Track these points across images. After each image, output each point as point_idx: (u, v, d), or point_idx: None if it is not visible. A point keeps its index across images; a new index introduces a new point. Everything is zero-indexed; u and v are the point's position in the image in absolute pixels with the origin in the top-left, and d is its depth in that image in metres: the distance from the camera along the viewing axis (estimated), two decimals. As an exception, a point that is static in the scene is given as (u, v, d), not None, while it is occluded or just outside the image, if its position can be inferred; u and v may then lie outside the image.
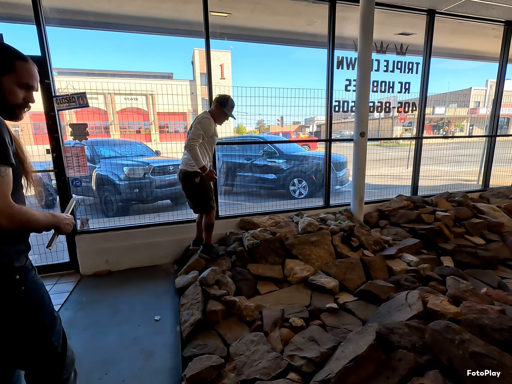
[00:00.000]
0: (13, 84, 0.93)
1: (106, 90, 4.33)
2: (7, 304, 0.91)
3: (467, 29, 4.12)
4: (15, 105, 0.95)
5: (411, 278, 2.34)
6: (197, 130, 2.39)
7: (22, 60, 0.94)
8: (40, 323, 0.99)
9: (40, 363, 1.01)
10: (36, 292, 0.98)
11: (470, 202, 3.79)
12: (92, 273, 2.85)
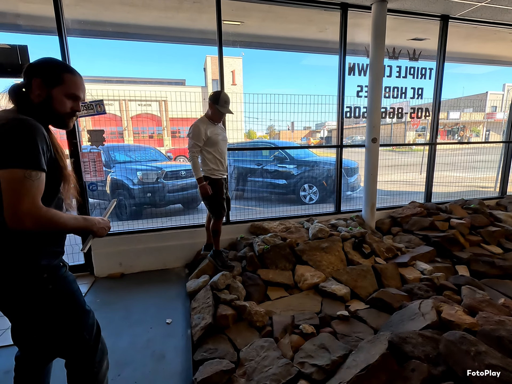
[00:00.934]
0: (61, 95, 1.00)
1: (122, 97, 4.48)
2: (37, 302, 0.98)
3: (482, 34, 4.05)
4: (64, 115, 1.03)
5: (425, 287, 2.30)
6: (189, 141, 2.47)
7: (69, 72, 1.03)
8: (71, 318, 1.05)
9: (73, 354, 1.10)
10: (65, 290, 1.05)
11: (486, 210, 3.69)
12: (106, 275, 2.91)
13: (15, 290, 0.96)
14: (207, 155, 2.51)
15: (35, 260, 0.97)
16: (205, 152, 2.50)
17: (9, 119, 0.89)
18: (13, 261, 0.95)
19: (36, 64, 0.99)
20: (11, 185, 0.85)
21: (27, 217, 0.85)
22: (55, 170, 0.98)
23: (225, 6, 2.87)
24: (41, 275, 0.98)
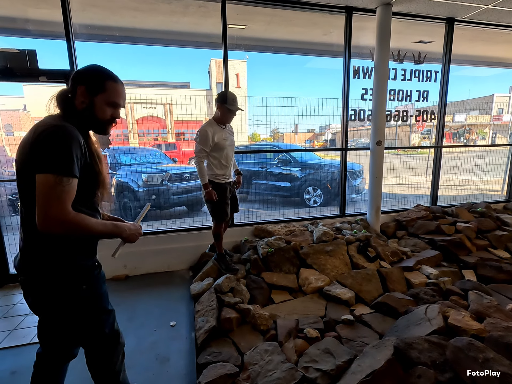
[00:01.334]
0: (103, 103, 1.04)
1: (128, 100, 4.50)
2: (70, 300, 1.03)
3: (489, 36, 4.03)
4: (104, 121, 1.07)
5: (431, 292, 2.27)
6: (196, 145, 2.43)
7: (112, 80, 1.06)
8: (96, 317, 1.12)
9: (94, 347, 1.17)
10: (96, 291, 1.11)
11: (493, 213, 3.65)
12: (111, 278, 2.93)
13: (50, 288, 1.00)
14: (212, 160, 2.49)
15: (71, 260, 1.02)
16: (211, 157, 2.49)
17: (48, 126, 0.92)
18: (50, 261, 0.99)
19: (82, 71, 1.04)
20: (43, 190, 0.88)
21: (55, 221, 0.88)
22: (91, 175, 1.02)
23: (230, 10, 2.90)
24: (76, 275, 1.03)
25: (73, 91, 1.03)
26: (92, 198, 1.08)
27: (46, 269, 0.99)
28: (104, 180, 1.08)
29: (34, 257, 0.99)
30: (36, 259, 0.99)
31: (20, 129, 16.11)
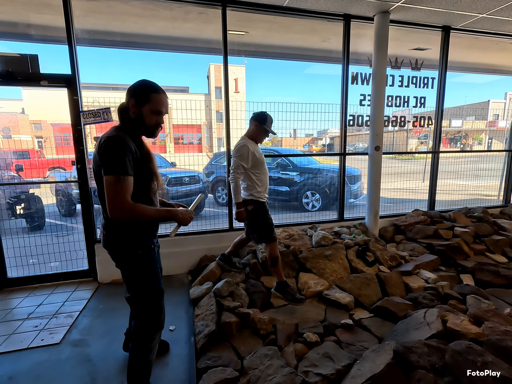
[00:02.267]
0: (149, 111, 1.30)
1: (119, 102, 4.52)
2: (132, 260, 1.38)
3: (484, 44, 4.10)
4: (151, 127, 1.34)
5: (429, 296, 2.28)
6: (236, 162, 2.26)
7: (156, 92, 1.30)
8: (150, 281, 1.43)
9: (143, 303, 1.44)
10: (150, 260, 1.42)
11: (490, 218, 3.68)
12: (110, 281, 2.92)
13: (122, 254, 1.38)
14: (254, 177, 2.33)
15: (134, 239, 1.36)
16: (252, 174, 2.33)
17: (106, 137, 1.22)
18: (121, 238, 1.36)
19: (132, 87, 1.30)
20: (107, 187, 1.19)
21: (118, 211, 1.19)
22: (145, 171, 1.31)
23: (230, 17, 2.94)
24: (136, 248, 1.37)
25: (127, 104, 1.30)
26: (148, 189, 1.35)
27: (118, 244, 1.36)
28: (156, 174, 1.36)
29: (111, 236, 1.36)
30: (112, 237, 1.36)
31: (18, 132, 16.04)
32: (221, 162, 6.30)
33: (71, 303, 2.55)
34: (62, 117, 2.86)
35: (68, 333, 2.14)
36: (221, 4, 2.83)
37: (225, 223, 3.34)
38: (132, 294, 1.44)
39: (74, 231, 4.45)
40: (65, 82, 2.66)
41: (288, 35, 3.68)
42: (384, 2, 2.86)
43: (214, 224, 3.39)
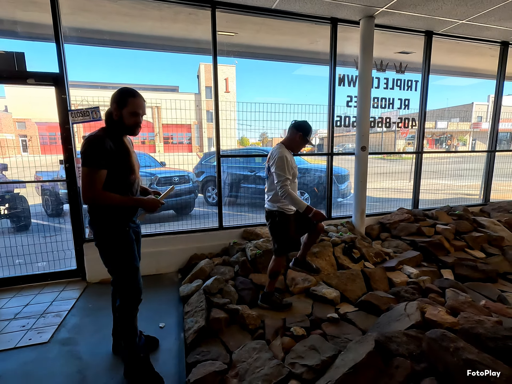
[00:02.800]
0: (128, 113, 1.51)
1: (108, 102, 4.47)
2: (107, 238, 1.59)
3: (464, 49, 4.27)
4: (131, 127, 1.55)
5: (411, 290, 2.38)
6: (280, 175, 2.07)
7: (132, 96, 1.51)
8: (126, 258, 1.61)
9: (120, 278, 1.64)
10: (125, 240, 1.61)
11: (470, 216, 3.84)
12: (98, 281, 2.91)
13: (99, 232, 1.58)
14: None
15: (109, 220, 1.57)
16: None
17: (87, 136, 1.47)
18: (99, 220, 1.57)
19: (114, 94, 1.52)
20: (83, 177, 1.44)
21: (89, 197, 1.45)
22: (124, 165, 1.54)
23: (219, 19, 2.98)
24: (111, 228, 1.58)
25: (110, 108, 1.53)
26: (127, 180, 1.57)
27: (95, 224, 1.58)
28: (133, 167, 1.59)
29: (91, 219, 1.58)
30: (92, 219, 1.58)
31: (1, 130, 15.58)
32: (211, 162, 6.31)
33: (59, 303, 2.54)
34: (48, 115, 2.82)
35: (57, 332, 2.14)
36: (210, 5, 2.86)
37: (215, 222, 3.38)
38: (109, 269, 1.66)
39: (62, 231, 4.40)
40: (53, 80, 2.65)
41: (276, 36, 3.74)
42: (369, 7, 2.95)
43: (204, 223, 3.42)
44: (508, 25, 3.45)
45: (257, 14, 3.04)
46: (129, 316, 1.69)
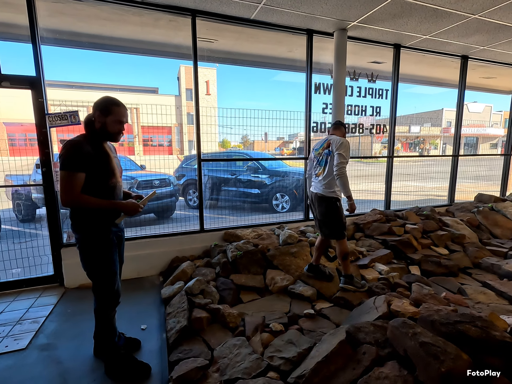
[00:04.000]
0: (111, 121, 1.59)
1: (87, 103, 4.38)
2: (89, 243, 1.62)
3: (430, 61, 4.60)
4: (114, 134, 1.62)
5: (381, 285, 2.56)
6: (343, 156, 2.35)
7: (116, 105, 1.60)
8: (106, 262, 1.66)
9: (99, 281, 1.69)
10: (106, 245, 1.65)
11: (436, 216, 4.13)
12: (77, 286, 2.87)
13: (80, 235, 1.61)
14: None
15: (90, 224, 1.61)
16: None
17: (66, 142, 1.50)
18: (80, 224, 1.61)
19: (98, 102, 1.58)
20: (61, 180, 1.47)
21: (67, 200, 1.48)
22: (104, 169, 1.58)
23: (200, 26, 3.06)
24: (92, 232, 1.62)
25: (93, 115, 1.58)
26: (108, 183, 1.61)
27: (77, 228, 1.61)
28: (114, 171, 1.64)
29: (72, 223, 1.62)
30: (72, 223, 1.62)
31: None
32: (192, 165, 6.33)
33: (36, 309, 2.49)
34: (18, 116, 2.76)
35: (35, 338, 2.11)
36: (190, 14, 2.93)
37: (196, 225, 3.43)
38: (87, 272, 1.69)
39: (37, 237, 4.26)
40: (29, 83, 2.61)
41: (256, 44, 3.87)
42: (341, 21, 3.14)
43: (185, 226, 3.46)
44: (466, 41, 3.78)
45: (237, 23, 3.15)
46: (107, 317, 1.75)
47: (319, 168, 2.55)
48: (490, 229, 4.07)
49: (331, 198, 2.47)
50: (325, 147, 2.51)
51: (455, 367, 1.20)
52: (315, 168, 2.62)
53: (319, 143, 2.63)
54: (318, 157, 2.58)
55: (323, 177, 2.51)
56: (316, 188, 2.56)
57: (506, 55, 4.39)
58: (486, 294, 2.55)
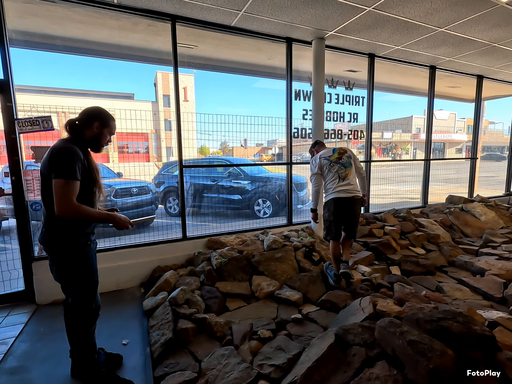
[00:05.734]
0: (106, 133, 1.63)
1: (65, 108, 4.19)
2: (66, 254, 1.56)
3: (402, 70, 4.85)
4: (103, 145, 1.65)
5: (365, 287, 2.61)
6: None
7: (112, 120, 1.66)
8: (85, 273, 1.61)
9: (77, 294, 1.63)
10: (85, 255, 1.61)
11: (412, 217, 4.31)
12: (50, 302, 2.69)
13: (58, 248, 1.54)
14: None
15: (70, 235, 1.55)
16: None
17: (59, 148, 1.45)
18: (58, 236, 1.54)
19: (96, 112, 1.60)
20: (57, 189, 1.40)
21: (65, 209, 1.40)
22: (90, 179, 1.55)
23: (180, 31, 3.03)
24: (72, 244, 1.56)
25: (87, 123, 1.57)
26: (91, 196, 1.59)
27: (56, 240, 1.54)
28: (100, 184, 1.62)
29: (49, 233, 1.54)
30: (50, 233, 1.54)
31: None
32: (171, 172, 6.20)
33: (4, 330, 2.30)
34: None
35: (3, 362, 1.94)
36: (170, 19, 2.91)
37: (178, 233, 3.34)
38: (66, 286, 1.62)
39: (4, 250, 3.95)
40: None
41: (236, 51, 3.90)
42: (319, 30, 3.25)
43: (166, 235, 3.36)
44: (434, 52, 4.03)
45: (217, 30, 3.16)
46: (86, 333, 1.68)
47: (344, 170, 2.69)
48: (462, 228, 4.30)
49: (363, 198, 2.77)
50: (342, 153, 2.75)
51: (442, 363, 1.23)
52: (339, 171, 2.70)
53: (328, 151, 2.81)
54: (339, 161, 2.73)
55: (352, 177, 2.71)
56: (352, 192, 2.65)
57: (469, 66, 4.72)
58: (462, 290, 2.67)
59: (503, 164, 7.17)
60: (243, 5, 2.68)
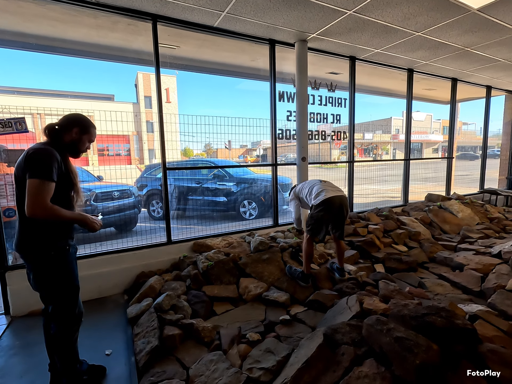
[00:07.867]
0: (85, 140, 1.63)
1: (35, 110, 3.99)
2: (45, 260, 1.51)
3: (381, 73, 4.99)
4: (82, 151, 1.65)
5: (351, 285, 2.65)
6: None
7: (93, 127, 1.66)
8: (66, 279, 1.56)
9: (59, 300, 1.57)
10: (64, 260, 1.56)
11: (394, 216, 4.42)
12: (27, 313, 2.55)
13: (36, 254, 1.49)
14: None
15: (48, 239, 1.50)
16: None
17: (36, 148, 1.43)
18: (35, 240, 1.48)
19: (76, 118, 1.60)
20: (31, 189, 1.36)
21: (37, 209, 1.36)
22: (67, 183, 1.54)
23: (161, 31, 2.97)
24: (50, 248, 1.51)
25: (66, 127, 1.56)
26: (69, 200, 1.58)
27: (32, 245, 1.48)
28: (78, 188, 1.61)
29: (24, 238, 1.49)
30: (25, 239, 1.48)
31: None
32: (154, 175, 6.07)
33: (-25, 345, 2.16)
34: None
35: (-26, 380, 1.82)
36: (151, 18, 2.84)
37: (162, 237, 3.26)
38: (46, 293, 1.57)
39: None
40: (-36, 86, 2.30)
41: (219, 52, 3.87)
42: (302, 32, 3.28)
43: (150, 239, 3.28)
44: (411, 55, 4.17)
45: (200, 30, 3.12)
46: (69, 341, 1.63)
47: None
48: (440, 225, 4.46)
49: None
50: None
51: (428, 357, 1.26)
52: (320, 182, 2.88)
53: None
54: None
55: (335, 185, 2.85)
56: (340, 191, 2.73)
57: (445, 70, 4.92)
58: (443, 285, 2.76)
59: (476, 163, 7.52)
60: (226, 6, 2.66)
